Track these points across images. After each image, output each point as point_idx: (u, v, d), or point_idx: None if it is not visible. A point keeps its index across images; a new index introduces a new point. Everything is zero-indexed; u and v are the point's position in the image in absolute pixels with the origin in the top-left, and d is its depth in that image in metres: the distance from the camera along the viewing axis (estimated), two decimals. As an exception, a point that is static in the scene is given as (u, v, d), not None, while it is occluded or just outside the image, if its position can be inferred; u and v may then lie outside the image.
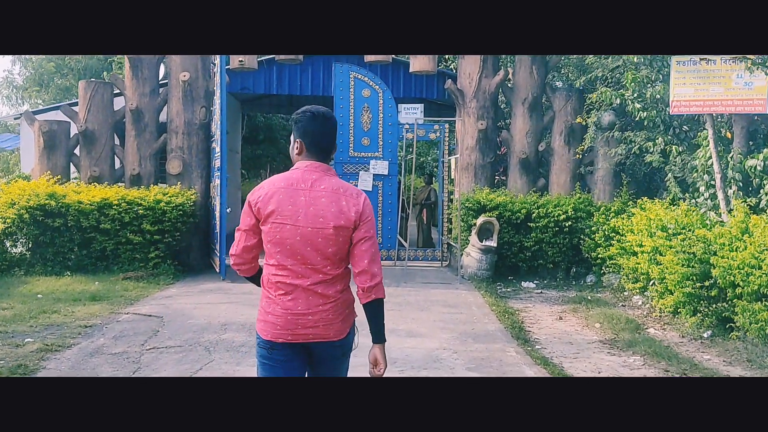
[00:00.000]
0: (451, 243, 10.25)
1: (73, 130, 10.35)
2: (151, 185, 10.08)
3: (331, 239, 2.64)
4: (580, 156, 10.25)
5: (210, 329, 6.44)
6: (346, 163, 10.82)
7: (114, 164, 10.49)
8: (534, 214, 9.61)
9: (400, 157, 11.14)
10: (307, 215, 2.63)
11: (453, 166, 11.01)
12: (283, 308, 2.67)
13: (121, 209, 9.34)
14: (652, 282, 7.71)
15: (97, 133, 10.25)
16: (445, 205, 10.96)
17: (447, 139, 10.97)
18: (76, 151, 10.43)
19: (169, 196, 9.58)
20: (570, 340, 6.49)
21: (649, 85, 8.53)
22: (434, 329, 6.55)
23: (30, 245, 9.68)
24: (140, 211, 9.37)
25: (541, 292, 8.97)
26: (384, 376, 2.73)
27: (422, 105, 10.83)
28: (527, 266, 9.83)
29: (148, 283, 8.81)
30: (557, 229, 9.57)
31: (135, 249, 9.46)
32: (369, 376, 2.75)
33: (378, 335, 2.77)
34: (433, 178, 13.49)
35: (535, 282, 9.54)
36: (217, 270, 9.40)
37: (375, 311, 2.76)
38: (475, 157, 10.49)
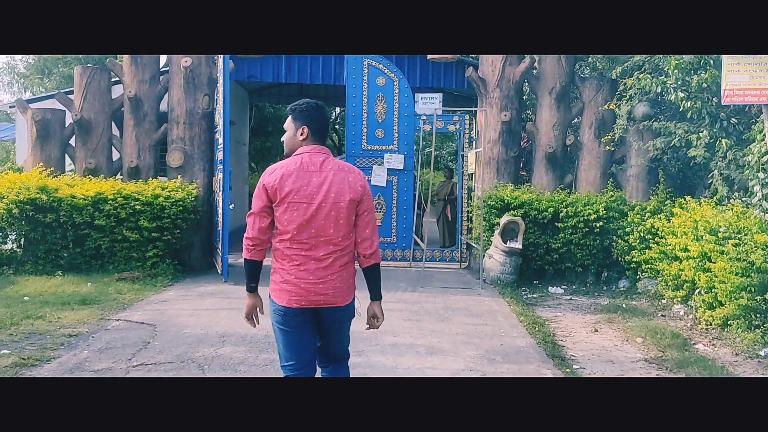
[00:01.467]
0: (472, 244, 9.52)
1: (69, 119, 9.70)
2: (151, 178, 9.43)
3: (343, 212, 3.03)
4: (612, 149, 9.46)
5: (206, 341, 5.76)
6: (359, 157, 10.11)
7: (112, 156, 9.83)
8: (562, 214, 8.85)
9: (415, 151, 10.39)
10: (320, 192, 2.99)
11: (472, 161, 10.26)
12: (296, 278, 3.01)
13: (116, 204, 8.69)
14: (698, 291, 6.96)
15: (94, 122, 9.59)
16: (465, 202, 10.22)
17: (468, 131, 10.22)
18: (72, 141, 9.78)
19: (169, 191, 8.92)
20: (611, 357, 5.75)
21: (694, 72, 7.74)
22: (457, 344, 5.83)
23: (21, 242, 9.07)
24: (137, 207, 8.72)
25: (571, 299, 8.22)
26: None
27: (441, 95, 10.08)
28: (554, 269, 9.08)
29: (144, 284, 8.15)
30: (587, 229, 8.82)
31: (131, 247, 8.81)
32: (367, 328, 3.31)
33: (376, 294, 3.25)
34: (454, 172, 12.76)
35: (563, 287, 8.79)
36: (219, 271, 8.73)
37: (373, 274, 3.23)
38: (498, 150, 9.73)
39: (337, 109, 26.89)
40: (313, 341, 3.17)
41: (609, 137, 9.26)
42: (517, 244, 8.58)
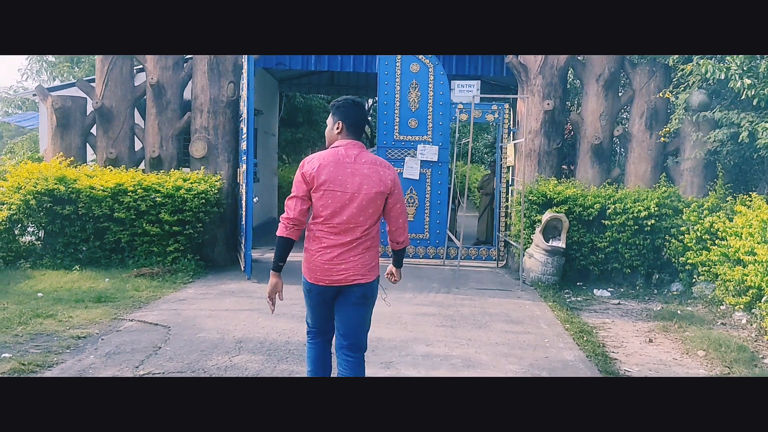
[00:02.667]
0: (511, 242, 8.89)
1: (90, 107, 9.34)
2: (173, 169, 9.02)
3: (373, 202, 3.29)
4: (666, 140, 8.72)
5: (221, 347, 5.29)
6: (391, 148, 9.55)
7: (134, 145, 9.45)
8: (609, 210, 8.17)
9: (451, 142, 9.79)
10: (353, 183, 3.25)
11: (511, 153, 9.63)
12: (323, 260, 3.30)
13: (136, 196, 8.29)
14: (765, 298, 6.25)
15: (115, 110, 9.21)
16: (503, 197, 9.59)
17: (507, 121, 9.57)
18: (94, 130, 9.42)
19: (191, 183, 8.49)
20: (671, 374, 5.11)
21: (761, 57, 6.98)
22: (497, 356, 5.25)
23: (39, 235, 8.75)
24: (158, 199, 8.31)
25: (619, 303, 7.56)
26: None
27: (479, 82, 9.47)
28: (599, 270, 8.41)
29: (163, 281, 7.74)
30: (637, 227, 8.13)
31: (152, 241, 8.42)
32: (385, 281, 3.69)
33: (398, 263, 3.66)
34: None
35: (610, 290, 8.12)
36: (242, 267, 8.27)
37: (401, 254, 3.64)
38: (540, 142, 9.07)
39: (370, 101, 26.39)
40: (332, 315, 3.47)
41: (667, 129, 8.53)
42: (560, 243, 7.94)
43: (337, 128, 3.39)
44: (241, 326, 5.93)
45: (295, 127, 18.24)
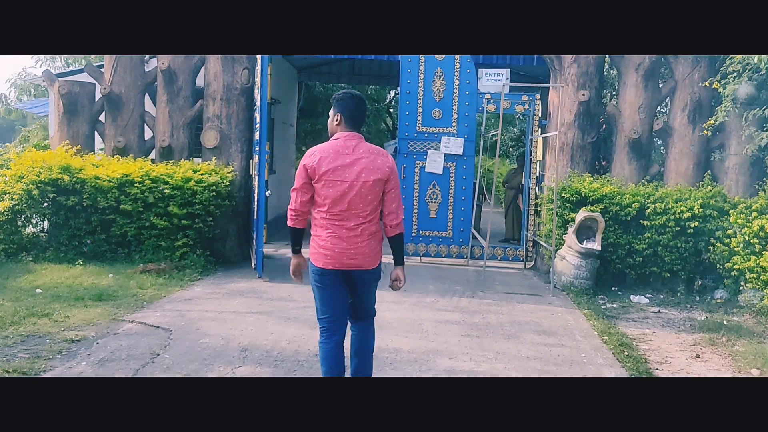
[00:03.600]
0: (541, 242, 8.31)
1: (99, 93, 8.91)
2: (184, 160, 8.57)
3: (371, 189, 3.49)
4: (709, 133, 8.08)
5: (225, 355, 4.82)
6: (412, 140, 9.01)
7: (144, 134, 9.02)
8: (649, 210, 7.57)
9: (477, 134, 9.23)
10: (352, 172, 3.46)
11: (539, 147, 9.04)
12: (331, 244, 3.49)
13: (144, 188, 7.86)
14: (827, 311, 5.63)
15: (124, 97, 8.78)
16: (532, 193, 9.00)
17: (538, 112, 8.97)
18: (103, 118, 9.01)
19: (201, 174, 8.03)
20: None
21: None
22: (529, 373, 4.71)
23: (43, 226, 8.36)
24: (166, 191, 7.87)
25: (659, 311, 6.96)
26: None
27: (508, 70, 8.88)
28: (636, 274, 7.81)
29: (169, 278, 7.30)
30: (678, 229, 7.52)
31: (160, 235, 7.98)
32: (390, 289, 3.76)
33: (399, 260, 3.71)
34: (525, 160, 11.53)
35: (648, 296, 7.52)
36: (253, 265, 7.80)
37: (398, 242, 3.67)
38: (573, 135, 8.47)
39: (392, 92, 25.82)
40: (345, 298, 3.62)
41: (712, 122, 7.88)
42: (595, 245, 7.36)
43: (336, 120, 3.58)
44: (247, 331, 5.45)
45: (315, 117, 17.74)
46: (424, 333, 5.58)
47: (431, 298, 6.89)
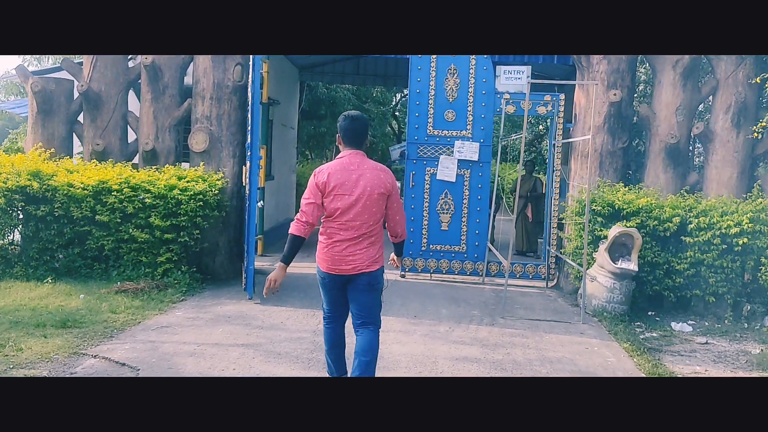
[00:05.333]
0: (567, 260, 7.41)
1: (77, 91, 8.08)
2: (170, 165, 7.74)
3: (375, 202, 3.82)
4: (760, 136, 7.20)
5: (198, 407, 3.95)
6: (422, 144, 8.14)
7: (127, 136, 8.18)
8: (692, 225, 6.68)
9: (494, 138, 8.37)
10: (358, 187, 3.79)
11: (554, 152, 8.18)
12: (334, 252, 3.82)
13: (122, 196, 7.03)
14: None
15: (105, 95, 7.95)
16: (554, 204, 8.11)
17: (562, 114, 8.09)
18: (81, 118, 8.18)
19: (187, 181, 7.19)
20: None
21: None
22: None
23: (13, 238, 7.54)
24: (147, 200, 7.03)
25: (707, 343, 6.06)
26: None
27: (529, 67, 8.01)
28: (675, 297, 6.92)
29: (148, 299, 6.45)
30: (725, 246, 6.62)
31: (141, 249, 7.15)
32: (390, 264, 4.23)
33: (399, 253, 4.21)
34: (536, 166, 10.67)
35: (690, 322, 6.63)
36: (244, 285, 6.94)
37: (400, 246, 4.17)
38: (603, 139, 7.60)
39: (397, 96, 24.99)
40: (345, 299, 3.96)
41: (763, 124, 6.99)
42: (632, 265, 6.47)
43: (339, 141, 3.95)
44: (229, 371, 4.59)
45: (318, 120, 16.91)
46: (439, 374, 4.70)
47: (445, 326, 6.02)
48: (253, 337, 5.41)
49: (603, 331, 6.12)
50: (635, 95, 8.22)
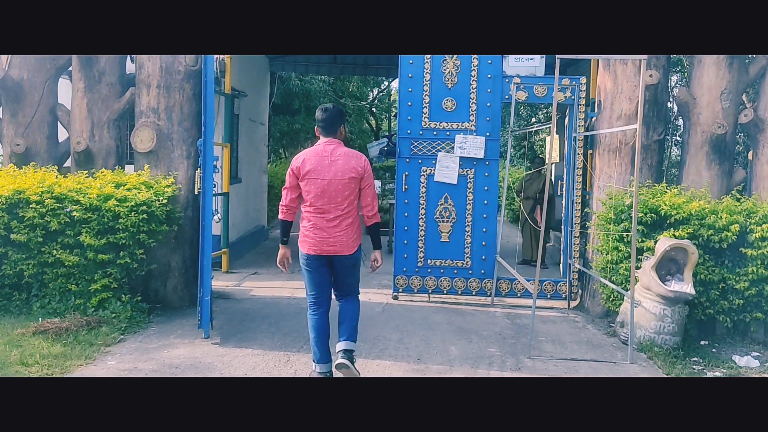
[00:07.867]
0: (599, 278, 6.08)
1: (-5, 80, 6.59)
2: (109, 168, 6.31)
3: (347, 186, 4.15)
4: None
5: None
6: (417, 140, 6.80)
7: (57, 134, 6.74)
8: (755, 235, 5.43)
9: (503, 130, 7.04)
10: (330, 171, 4.13)
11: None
12: (314, 234, 4.16)
13: (44, 210, 5.58)
14: None
15: (27, 84, 6.48)
16: (576, 208, 6.81)
17: (583, 101, 6.80)
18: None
19: (126, 189, 5.76)
20: None
21: None
22: None
23: None
24: (76, 214, 5.59)
25: (786, 384, 4.80)
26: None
27: (543, 46, 6.68)
28: (731, 322, 5.67)
29: (75, 341, 5.02)
30: (793, 260, 5.39)
31: (70, 275, 5.73)
32: (369, 270, 4.57)
33: (377, 244, 4.42)
34: (544, 162, 9.38)
35: (755, 354, 5.38)
36: (198, 320, 5.50)
37: (375, 230, 4.39)
38: (635, 130, 6.32)
39: (374, 90, 23.63)
40: (329, 279, 4.30)
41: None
42: (687, 287, 5.20)
43: (316, 131, 4.34)
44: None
45: (291, 114, 15.48)
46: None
47: (457, 370, 4.68)
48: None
49: (656, 371, 4.82)
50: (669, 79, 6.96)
